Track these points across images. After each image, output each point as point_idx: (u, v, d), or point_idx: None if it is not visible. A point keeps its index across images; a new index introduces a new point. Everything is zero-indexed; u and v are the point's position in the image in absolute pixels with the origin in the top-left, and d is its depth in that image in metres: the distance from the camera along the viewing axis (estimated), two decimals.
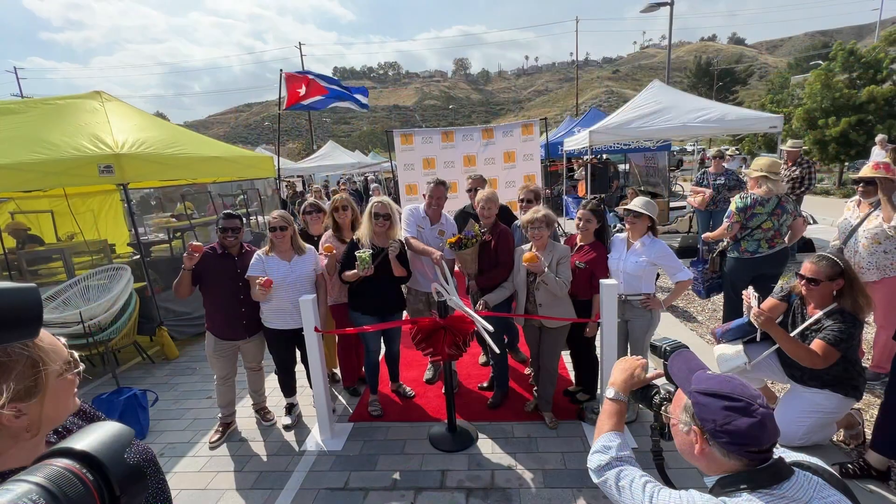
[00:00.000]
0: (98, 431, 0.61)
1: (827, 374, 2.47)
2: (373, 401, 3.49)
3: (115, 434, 0.62)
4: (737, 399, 0.94)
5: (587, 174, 8.67)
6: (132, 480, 0.59)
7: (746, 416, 0.92)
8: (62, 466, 0.53)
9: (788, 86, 20.41)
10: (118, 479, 0.57)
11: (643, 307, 2.99)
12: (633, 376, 1.27)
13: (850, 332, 2.33)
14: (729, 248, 3.88)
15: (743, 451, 0.92)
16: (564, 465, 2.78)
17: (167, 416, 3.70)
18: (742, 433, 0.91)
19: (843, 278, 2.39)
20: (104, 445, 0.59)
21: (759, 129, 7.35)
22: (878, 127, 13.11)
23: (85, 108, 4.95)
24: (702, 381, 1.02)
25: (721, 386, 0.98)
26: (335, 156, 18.06)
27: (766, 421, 0.92)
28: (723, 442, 0.93)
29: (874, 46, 14.70)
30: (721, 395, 0.96)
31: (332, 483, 2.75)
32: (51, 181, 4.18)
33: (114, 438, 0.61)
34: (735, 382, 0.99)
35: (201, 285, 3.12)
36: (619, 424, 1.24)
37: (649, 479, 1.05)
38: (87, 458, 0.56)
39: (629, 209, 3.01)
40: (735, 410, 0.93)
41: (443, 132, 6.40)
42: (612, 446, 1.16)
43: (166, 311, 4.95)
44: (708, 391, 0.98)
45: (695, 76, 54.26)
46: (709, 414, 0.96)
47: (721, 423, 0.93)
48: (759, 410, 0.93)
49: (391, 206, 3.18)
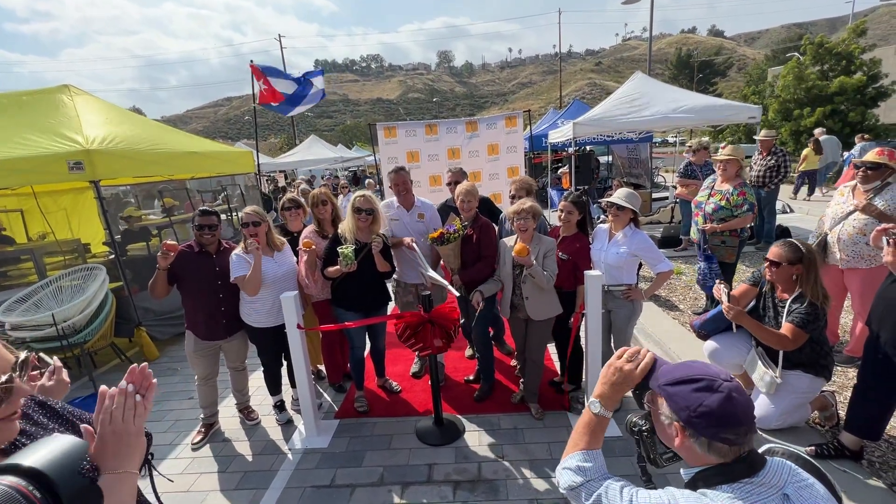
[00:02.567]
0: (49, 446, 0.59)
1: (795, 356, 2.57)
2: (359, 397, 3.47)
3: (67, 449, 0.60)
4: (699, 379, 0.95)
5: (571, 166, 8.72)
6: (84, 496, 0.57)
7: (713, 393, 0.92)
8: (7, 485, 0.51)
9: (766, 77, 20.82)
10: (69, 497, 0.55)
11: (625, 298, 3.01)
12: (619, 388, 1.14)
13: (815, 314, 2.43)
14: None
15: (720, 436, 0.91)
16: (551, 456, 2.80)
17: (148, 417, 3.60)
18: (713, 413, 0.91)
19: (801, 264, 2.47)
20: (55, 461, 0.57)
21: (738, 120, 7.47)
22: (851, 115, 13.49)
23: (53, 103, 4.75)
24: (665, 374, 1.02)
25: (683, 371, 0.99)
26: (316, 150, 17.77)
27: (732, 394, 0.92)
28: (701, 428, 0.92)
29: (843, 38, 15.06)
30: (686, 379, 0.97)
31: (318, 481, 2.73)
32: (17, 179, 4.01)
33: (65, 453, 0.59)
34: (696, 365, 1.00)
35: (179, 285, 3.02)
36: (597, 441, 1.14)
37: (626, 484, 1.04)
38: (36, 474, 0.54)
39: (612, 202, 3.02)
40: (702, 390, 0.93)
41: (426, 125, 6.33)
42: (587, 468, 1.08)
43: (145, 312, 4.83)
44: (674, 380, 0.99)
45: (675, 68, 54.91)
46: (681, 401, 0.96)
47: (694, 407, 0.93)
48: (724, 385, 0.93)
49: (374, 201, 3.14)
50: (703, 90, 42.68)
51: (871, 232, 3.05)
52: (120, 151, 4.46)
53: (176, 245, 2.90)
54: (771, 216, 6.61)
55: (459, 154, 6.31)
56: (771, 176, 6.32)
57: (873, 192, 3.08)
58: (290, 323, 2.94)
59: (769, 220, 6.61)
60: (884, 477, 2.38)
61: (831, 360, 2.62)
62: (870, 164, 3.08)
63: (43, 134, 4.24)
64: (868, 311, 2.42)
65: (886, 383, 2.28)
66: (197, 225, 3.01)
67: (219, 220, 3.09)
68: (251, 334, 3.20)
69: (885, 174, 3.07)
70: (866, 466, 2.45)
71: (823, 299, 2.44)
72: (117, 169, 4.47)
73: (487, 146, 6.25)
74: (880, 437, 2.42)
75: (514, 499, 2.49)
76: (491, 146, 6.24)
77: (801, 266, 2.47)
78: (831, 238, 3.29)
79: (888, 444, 2.61)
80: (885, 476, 2.39)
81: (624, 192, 3.04)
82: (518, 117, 6.30)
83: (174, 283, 3.00)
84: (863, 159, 3.15)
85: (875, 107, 14.13)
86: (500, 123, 6.24)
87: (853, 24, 15.57)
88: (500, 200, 5.71)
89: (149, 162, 4.77)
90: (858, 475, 2.39)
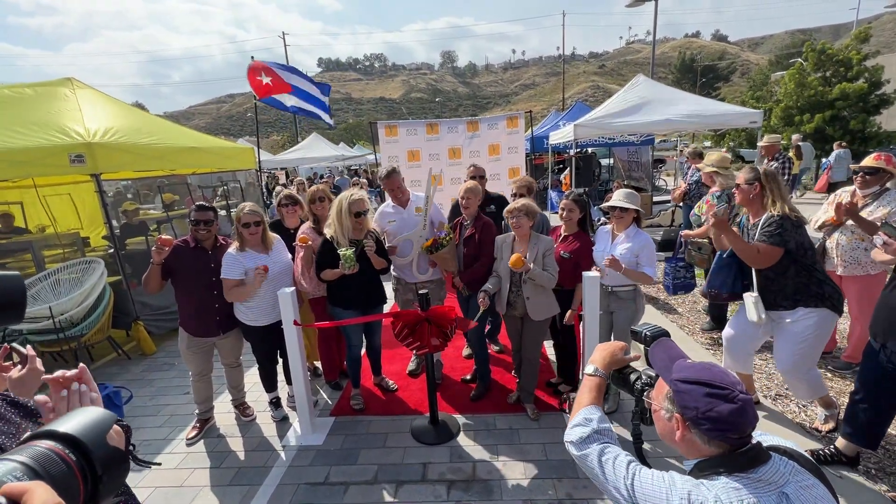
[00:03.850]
0: (82, 415, 0.66)
1: (787, 286, 2.58)
2: (355, 395, 3.46)
3: (98, 418, 0.66)
4: (718, 386, 0.96)
5: (572, 168, 8.72)
6: (114, 461, 0.63)
7: (728, 403, 0.93)
8: (46, 447, 0.57)
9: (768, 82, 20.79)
10: (100, 460, 0.61)
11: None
12: (613, 355, 1.28)
13: (781, 225, 2.49)
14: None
15: (724, 436, 0.93)
16: (546, 457, 2.79)
17: (143, 412, 3.61)
18: (723, 419, 0.92)
19: (759, 182, 2.64)
20: (87, 428, 0.63)
21: (739, 124, 7.48)
22: (853, 122, 13.46)
23: (55, 96, 4.76)
24: (682, 370, 1.03)
25: (701, 374, 0.99)
26: (318, 148, 17.78)
27: (746, 407, 0.93)
28: (704, 428, 0.94)
29: (846, 45, 15.03)
30: (702, 382, 0.97)
31: (312, 478, 2.72)
32: (18, 171, 4.01)
33: (96, 422, 0.65)
34: (716, 370, 1.00)
35: (173, 280, 2.99)
36: (598, 399, 1.23)
37: (632, 459, 1.06)
38: (71, 439, 0.60)
39: (614, 206, 3.01)
40: (716, 397, 0.94)
41: (427, 124, 6.33)
42: (593, 419, 1.16)
43: (142, 306, 4.82)
44: (689, 379, 0.99)
45: (679, 72, 54.98)
46: (691, 401, 0.97)
47: (703, 410, 0.94)
48: (740, 397, 0.94)
49: (365, 198, 3.13)
50: (706, 95, 42.67)
51: (867, 238, 3.05)
52: (121, 145, 4.46)
53: (170, 240, 2.88)
54: None
55: (460, 154, 6.30)
56: None
57: (871, 196, 3.07)
58: (287, 320, 2.93)
59: None
60: (880, 484, 2.37)
61: (835, 291, 2.58)
62: (868, 169, 3.07)
63: (45, 126, 4.24)
64: (865, 316, 2.40)
65: (886, 391, 2.27)
66: (193, 220, 2.98)
67: (215, 215, 3.06)
68: (245, 332, 3.18)
69: (883, 179, 3.07)
70: (863, 472, 2.44)
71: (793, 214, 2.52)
72: (119, 163, 4.47)
73: (488, 146, 6.24)
74: (878, 445, 2.39)
75: (508, 499, 2.48)
76: (492, 146, 6.23)
77: (759, 184, 2.63)
78: (830, 244, 3.30)
79: (885, 451, 2.61)
80: (881, 483, 2.38)
81: (623, 192, 3.03)
82: (519, 118, 6.29)
83: (168, 277, 2.97)
84: (861, 164, 3.14)
85: (877, 114, 14.09)
86: (501, 124, 6.23)
87: (856, 30, 15.54)
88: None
89: (150, 156, 4.77)
90: (855, 482, 2.38)
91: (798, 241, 2.51)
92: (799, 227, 2.52)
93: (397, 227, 3.55)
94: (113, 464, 0.63)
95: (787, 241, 2.49)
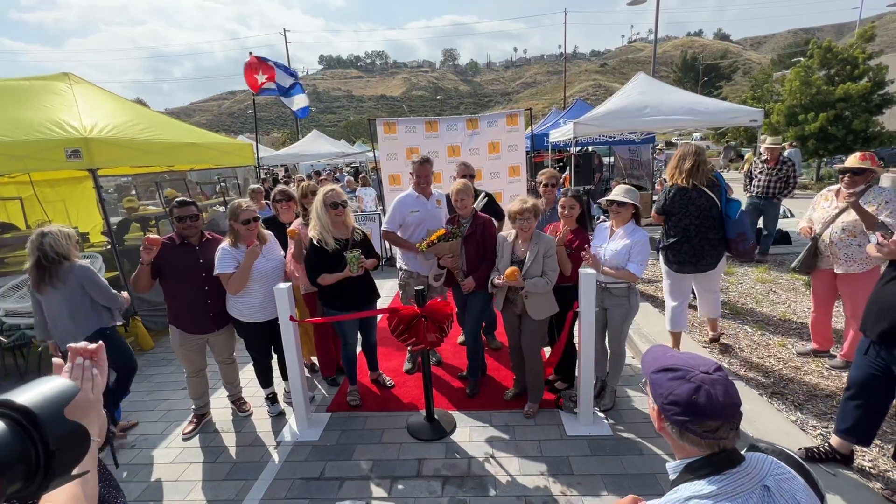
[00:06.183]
0: (42, 386, 0.61)
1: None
2: (351, 391, 3.46)
3: (58, 390, 0.62)
4: (676, 369, 0.96)
5: (571, 166, 8.70)
6: (71, 438, 0.59)
7: (684, 382, 0.93)
8: None
9: (769, 81, 20.69)
10: (56, 436, 0.57)
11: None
12: None
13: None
14: None
15: (688, 427, 0.91)
16: (541, 453, 2.79)
17: (140, 407, 3.61)
18: (682, 402, 0.91)
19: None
20: (45, 400, 0.59)
21: (739, 123, 7.45)
22: (856, 122, 13.41)
23: (52, 90, 4.75)
24: (654, 361, 1.03)
25: (667, 360, 1.00)
26: (318, 144, 17.75)
27: (703, 386, 0.91)
28: (671, 415, 0.94)
29: (851, 44, 14.96)
30: (665, 368, 0.98)
31: (308, 473, 2.72)
32: (13, 165, 4.00)
33: (57, 394, 0.61)
34: (683, 356, 1.00)
35: (161, 279, 2.97)
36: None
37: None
38: (25, 411, 0.56)
39: (612, 199, 3.00)
40: (675, 379, 0.95)
41: (427, 121, 6.30)
42: None
43: (140, 301, 4.82)
44: (658, 368, 1.00)
45: (681, 71, 54.84)
46: (659, 389, 0.97)
47: (665, 394, 0.95)
48: (697, 376, 0.93)
49: (341, 191, 3.11)
50: (708, 94, 42.54)
51: (860, 234, 3.09)
52: (118, 140, 4.45)
53: (158, 239, 2.85)
54: (773, 226, 6.35)
55: (459, 151, 6.28)
56: (780, 188, 6.06)
57: (857, 195, 3.12)
58: (283, 315, 2.93)
59: (770, 229, 6.34)
60: (875, 482, 2.37)
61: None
62: (855, 169, 3.14)
63: (41, 121, 4.23)
64: (860, 316, 2.40)
65: (877, 388, 2.27)
66: (176, 217, 2.94)
67: (198, 209, 3.04)
68: (239, 328, 3.17)
69: (868, 178, 3.12)
70: (857, 470, 2.44)
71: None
72: (116, 158, 4.46)
73: (488, 144, 6.22)
74: (871, 442, 2.39)
75: (502, 495, 2.48)
76: (492, 144, 6.22)
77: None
78: (823, 242, 3.31)
79: (879, 449, 2.61)
80: (876, 481, 2.38)
81: (622, 188, 3.03)
82: (519, 115, 6.27)
83: (157, 276, 2.95)
84: (845, 165, 3.20)
85: (880, 114, 14.03)
86: (501, 121, 6.22)
87: (861, 28, 15.44)
88: (501, 199, 5.70)
89: (148, 152, 4.76)
90: (849, 480, 2.38)
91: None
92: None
93: (419, 217, 3.50)
94: (69, 440, 0.59)
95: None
